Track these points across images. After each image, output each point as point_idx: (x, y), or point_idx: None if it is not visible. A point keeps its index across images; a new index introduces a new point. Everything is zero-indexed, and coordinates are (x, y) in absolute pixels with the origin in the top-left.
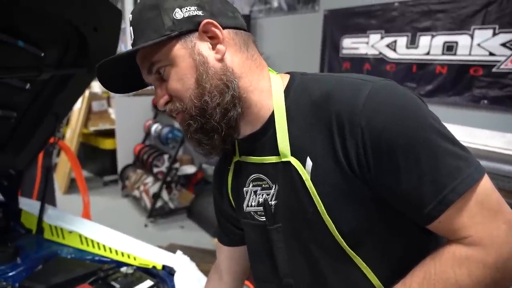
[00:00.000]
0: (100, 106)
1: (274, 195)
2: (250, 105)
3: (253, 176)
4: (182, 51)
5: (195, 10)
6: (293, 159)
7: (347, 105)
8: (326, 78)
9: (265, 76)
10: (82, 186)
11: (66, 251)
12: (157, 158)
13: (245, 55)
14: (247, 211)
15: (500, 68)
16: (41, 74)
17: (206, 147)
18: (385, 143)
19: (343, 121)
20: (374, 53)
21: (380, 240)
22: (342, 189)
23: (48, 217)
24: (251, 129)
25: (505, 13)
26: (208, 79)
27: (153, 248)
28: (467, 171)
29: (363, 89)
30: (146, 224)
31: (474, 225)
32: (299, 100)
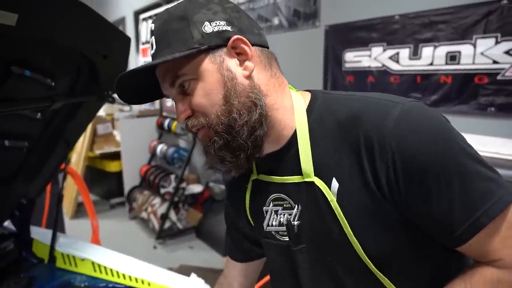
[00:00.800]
0: (105, 129)
1: (297, 216)
2: (274, 124)
3: (273, 196)
4: (211, 66)
5: (225, 25)
6: (317, 179)
7: (376, 127)
8: (351, 97)
9: (287, 95)
10: (91, 211)
11: (80, 279)
12: (164, 179)
13: (269, 73)
14: (268, 230)
15: (505, 76)
16: (53, 104)
17: (229, 165)
18: (417, 166)
19: (372, 143)
20: (377, 65)
21: (408, 261)
22: (369, 211)
23: (60, 245)
24: (273, 148)
25: (506, 22)
26: (236, 96)
27: (167, 272)
28: (498, 194)
29: (392, 111)
30: (155, 245)
31: (506, 248)
32: (323, 120)
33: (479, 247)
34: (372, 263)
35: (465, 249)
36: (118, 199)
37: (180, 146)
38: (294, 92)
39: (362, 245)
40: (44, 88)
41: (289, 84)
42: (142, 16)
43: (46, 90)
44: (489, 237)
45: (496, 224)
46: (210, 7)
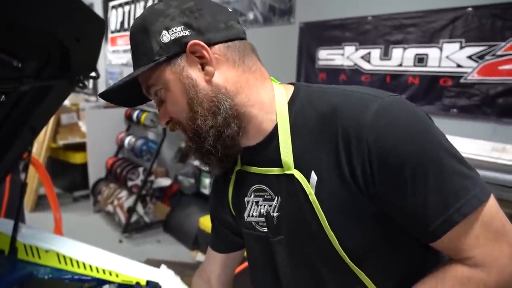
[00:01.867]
0: (69, 119)
1: (277, 207)
2: (250, 119)
3: (255, 187)
4: (172, 76)
5: (182, 30)
6: (296, 172)
7: (354, 121)
8: (332, 91)
9: (266, 87)
10: (54, 203)
11: (43, 271)
12: (132, 171)
13: (241, 69)
14: (248, 221)
15: (467, 79)
16: (21, 86)
17: (208, 166)
18: (393, 160)
19: (349, 137)
20: (350, 64)
21: (384, 256)
22: (346, 205)
23: (22, 236)
24: (255, 140)
25: (471, 28)
26: (199, 103)
27: (136, 264)
28: (473, 192)
29: (371, 105)
30: (121, 239)
31: (477, 247)
32: (305, 113)
33: (451, 244)
34: (348, 256)
35: (438, 245)
36: (82, 192)
37: (149, 138)
38: (276, 84)
39: (338, 239)
40: (11, 69)
41: (271, 77)
42: (111, 3)
43: (12, 71)
44: (462, 234)
45: (469, 222)
46: (168, 12)
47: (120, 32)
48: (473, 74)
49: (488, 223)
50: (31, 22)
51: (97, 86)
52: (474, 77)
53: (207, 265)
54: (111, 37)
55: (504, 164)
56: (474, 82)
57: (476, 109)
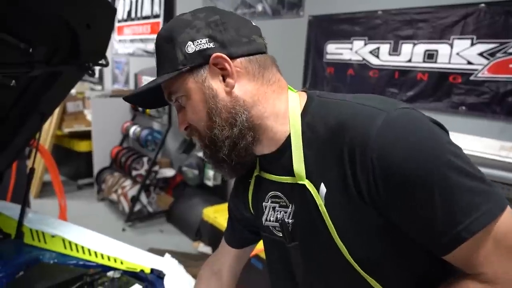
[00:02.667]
0: (75, 107)
1: (291, 214)
2: (265, 131)
3: (271, 193)
4: (194, 85)
5: (206, 42)
6: (308, 182)
7: (359, 136)
8: (341, 103)
9: (282, 99)
10: (59, 189)
11: (49, 256)
12: (136, 161)
13: (260, 82)
14: (266, 225)
15: (477, 77)
16: (32, 70)
17: (221, 172)
18: (398, 179)
19: (355, 153)
20: (358, 59)
21: (396, 265)
22: (354, 218)
23: (29, 221)
24: (270, 149)
25: (482, 25)
26: (218, 113)
27: (140, 251)
28: (484, 208)
29: (376, 120)
30: (124, 228)
31: (489, 263)
32: (316, 125)
33: (462, 259)
34: (359, 265)
35: (449, 259)
36: (86, 180)
37: (154, 129)
38: (293, 93)
39: (348, 249)
40: (21, 54)
41: (288, 85)
42: None
43: (22, 56)
44: (472, 251)
45: (479, 238)
46: (194, 24)
47: (127, 21)
48: (484, 72)
49: (501, 239)
50: (42, 8)
51: (103, 75)
52: (484, 74)
53: (219, 257)
54: (118, 27)
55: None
56: (484, 79)
57: (485, 107)
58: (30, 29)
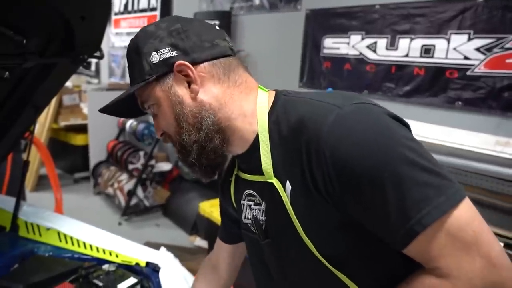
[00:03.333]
0: (71, 100)
1: (264, 212)
2: (234, 132)
3: (247, 191)
4: (161, 93)
5: (169, 51)
6: (275, 180)
7: (313, 134)
8: (303, 101)
9: (249, 99)
10: (55, 182)
11: (44, 249)
12: (133, 155)
13: (226, 84)
14: (245, 222)
15: (474, 72)
16: (25, 62)
17: (195, 174)
18: (349, 174)
19: (310, 151)
20: (355, 53)
21: (364, 260)
22: (316, 214)
23: (24, 214)
24: (241, 150)
25: (480, 20)
26: (185, 118)
27: (136, 245)
28: (436, 201)
29: (329, 116)
30: (120, 222)
31: (443, 257)
32: (280, 123)
33: (418, 254)
34: (327, 261)
35: (407, 254)
36: (82, 174)
37: (150, 123)
38: (263, 93)
39: (314, 245)
40: (14, 45)
41: (260, 85)
42: None
43: (16, 48)
44: (426, 245)
45: (432, 232)
46: (157, 34)
47: (124, 14)
48: (480, 67)
49: (455, 232)
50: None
51: (99, 68)
52: (481, 69)
53: (216, 253)
54: (115, 19)
55: (507, 158)
56: (481, 74)
57: (481, 102)
58: (24, 20)
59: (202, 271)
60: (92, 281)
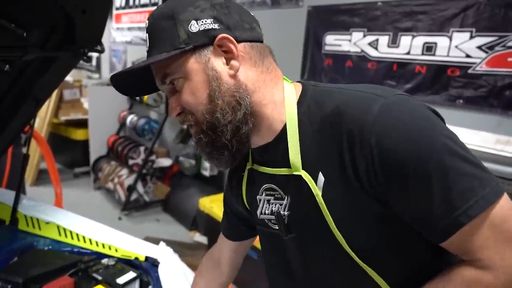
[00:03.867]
0: (72, 95)
1: (287, 206)
2: (262, 119)
3: (265, 186)
4: (196, 65)
5: (211, 23)
6: (304, 173)
7: (357, 122)
8: (338, 91)
9: (279, 88)
10: (55, 177)
11: (43, 242)
12: (133, 150)
13: (260, 69)
14: (261, 218)
15: (475, 70)
16: (26, 55)
17: (216, 161)
18: (395, 163)
19: (353, 138)
20: (356, 50)
21: (393, 254)
22: (353, 206)
23: (23, 207)
24: (264, 140)
25: (482, 18)
26: (221, 96)
27: (135, 239)
28: (481, 193)
29: (374, 105)
30: (120, 217)
31: (485, 249)
32: (312, 114)
33: (460, 245)
34: (356, 255)
35: (447, 246)
36: (83, 169)
37: (151, 118)
38: (288, 84)
39: (346, 239)
40: (15, 38)
41: (284, 76)
42: None
43: (16, 40)
44: (470, 236)
45: (477, 223)
46: (197, 4)
47: (125, 9)
48: (482, 65)
49: (499, 224)
50: None
51: (100, 63)
52: (482, 68)
53: (218, 249)
54: (116, 14)
55: (508, 156)
56: (482, 73)
57: (482, 100)
58: (25, 13)
59: (203, 267)
60: (91, 275)
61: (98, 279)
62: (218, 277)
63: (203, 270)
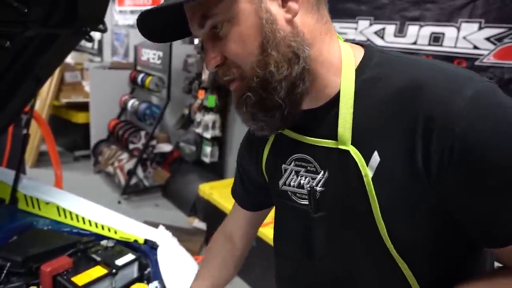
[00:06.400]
0: (73, 77)
1: (322, 182)
2: (316, 79)
3: (297, 155)
4: (247, 6)
5: None
6: (353, 148)
7: (441, 103)
8: (414, 62)
9: (335, 45)
10: (55, 159)
11: (43, 222)
12: (134, 134)
13: (316, 17)
14: (283, 189)
15: (483, 62)
16: (27, 30)
17: (262, 124)
18: (477, 158)
19: (432, 125)
20: (362, 39)
21: (432, 250)
22: (407, 195)
23: (23, 187)
24: (310, 105)
25: (492, 8)
26: (275, 45)
27: (135, 222)
28: None
29: (465, 89)
30: (120, 201)
31: None
32: (376, 83)
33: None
34: (394, 246)
35: (498, 251)
36: (83, 152)
37: (152, 103)
38: (343, 43)
39: (388, 228)
40: (16, 14)
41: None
42: None
43: (17, 16)
44: None
45: None
46: None
47: None
48: (489, 57)
49: None
50: None
51: (102, 46)
52: (490, 59)
53: (231, 223)
54: None
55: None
56: (490, 65)
57: None
58: None
59: (215, 243)
60: (90, 255)
61: (97, 260)
62: (233, 252)
63: (216, 247)
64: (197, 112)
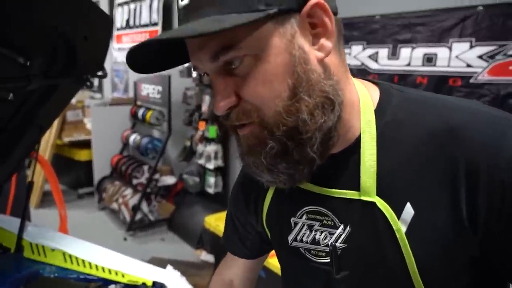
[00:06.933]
0: (75, 116)
1: (343, 238)
2: (340, 123)
3: (309, 208)
4: (278, 41)
5: None
6: (379, 200)
7: (486, 151)
8: (444, 103)
9: (351, 83)
10: (59, 199)
11: (49, 270)
12: (137, 169)
13: (338, 54)
14: (294, 245)
15: (477, 79)
16: (30, 84)
17: (282, 177)
18: None
19: (477, 171)
20: (357, 63)
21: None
22: (448, 250)
23: (28, 234)
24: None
25: (481, 27)
26: (308, 88)
27: (142, 264)
28: None
29: (510, 132)
30: (125, 237)
31: None
32: (401, 127)
33: None
34: None
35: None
36: (87, 189)
37: (154, 137)
38: (356, 81)
39: (425, 284)
40: (18, 67)
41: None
42: (117, 1)
43: (19, 69)
44: None
45: None
46: None
47: (126, 29)
48: (483, 74)
49: None
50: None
51: (102, 83)
52: (484, 77)
53: (229, 271)
54: (117, 35)
55: None
56: (484, 82)
57: None
58: (27, 42)
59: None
60: None
61: None
62: None
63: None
64: (199, 144)
